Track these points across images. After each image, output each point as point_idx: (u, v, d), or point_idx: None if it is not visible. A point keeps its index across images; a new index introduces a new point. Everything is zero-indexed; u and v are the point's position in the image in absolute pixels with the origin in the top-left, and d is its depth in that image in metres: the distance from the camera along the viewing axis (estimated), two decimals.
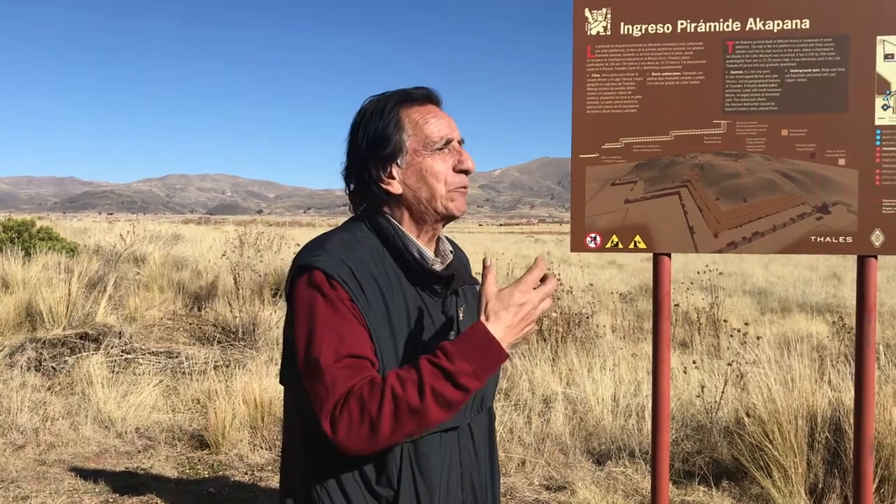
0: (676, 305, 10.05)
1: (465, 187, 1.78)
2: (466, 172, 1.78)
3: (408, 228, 1.77)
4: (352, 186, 1.82)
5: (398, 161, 1.75)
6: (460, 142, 1.80)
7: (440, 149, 1.75)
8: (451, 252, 1.87)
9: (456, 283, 1.79)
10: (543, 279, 1.63)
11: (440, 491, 1.71)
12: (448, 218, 1.78)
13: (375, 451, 1.56)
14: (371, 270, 1.68)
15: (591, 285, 12.71)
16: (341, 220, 1.90)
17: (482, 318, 1.57)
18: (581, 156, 2.77)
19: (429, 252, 1.78)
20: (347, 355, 1.57)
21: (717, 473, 4.87)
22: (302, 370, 1.61)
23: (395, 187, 1.76)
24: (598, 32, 2.75)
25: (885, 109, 2.62)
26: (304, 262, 1.67)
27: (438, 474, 1.71)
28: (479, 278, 1.93)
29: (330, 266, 1.64)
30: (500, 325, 1.55)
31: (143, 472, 5.06)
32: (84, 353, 7.26)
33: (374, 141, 1.75)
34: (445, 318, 1.78)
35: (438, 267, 1.79)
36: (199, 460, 5.29)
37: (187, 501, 4.59)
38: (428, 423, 1.53)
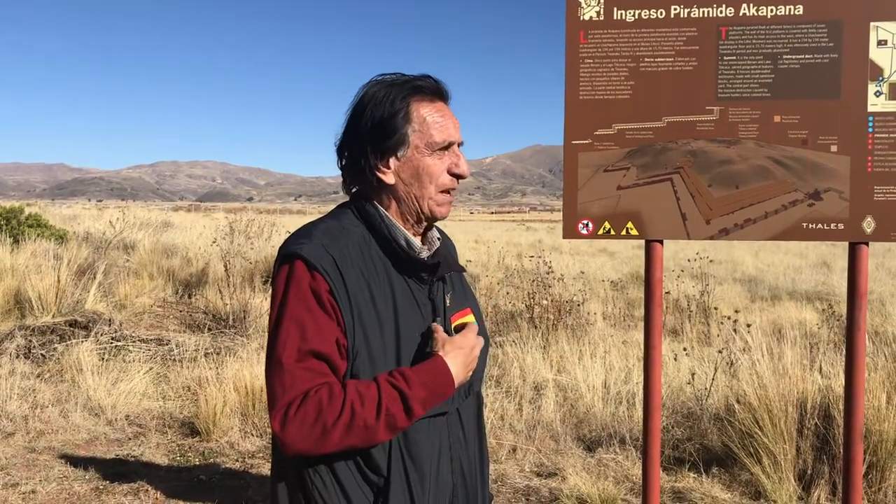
0: (667, 293, 10.07)
1: (453, 191, 1.79)
2: (460, 177, 1.79)
3: (394, 217, 1.76)
4: (344, 161, 1.80)
5: (398, 153, 1.74)
6: (460, 145, 1.80)
7: (441, 150, 1.75)
8: (439, 239, 1.86)
9: (442, 270, 1.79)
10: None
11: (430, 476, 1.71)
12: (431, 219, 1.79)
13: (313, 455, 1.60)
14: (356, 259, 1.68)
15: (583, 273, 12.74)
16: (332, 207, 1.88)
17: (441, 353, 1.66)
18: (574, 142, 2.75)
19: (415, 240, 1.78)
20: (310, 353, 1.60)
21: (708, 460, 4.90)
22: (266, 361, 1.65)
23: (389, 178, 1.75)
24: (591, 17, 2.73)
25: (877, 96, 2.62)
26: (288, 251, 1.67)
27: (428, 460, 1.71)
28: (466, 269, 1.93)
29: (312, 255, 1.64)
30: (457, 363, 1.67)
31: (133, 459, 5.05)
32: (74, 341, 7.23)
33: (378, 128, 1.72)
34: (432, 305, 1.77)
35: (425, 254, 1.78)
36: (190, 447, 5.28)
37: (178, 489, 4.58)
38: (374, 441, 1.60)
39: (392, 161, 1.74)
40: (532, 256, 11.18)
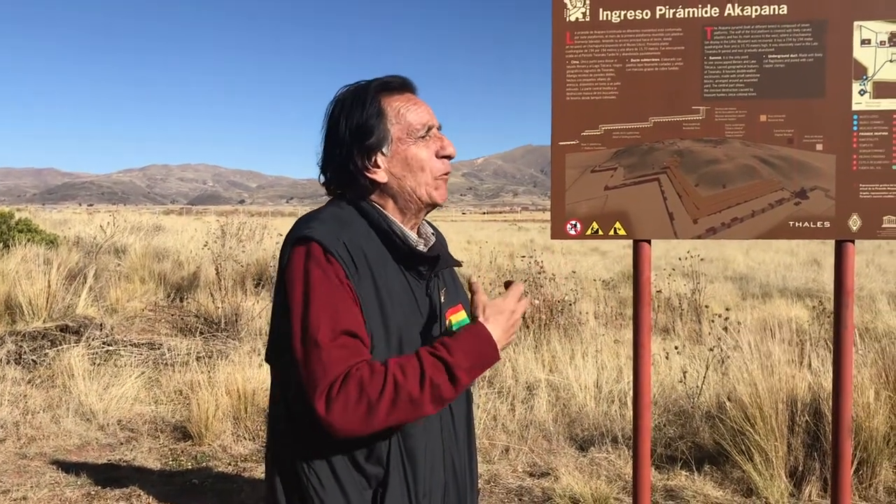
0: (659, 292, 10.10)
1: (447, 174, 1.80)
2: (449, 157, 1.80)
3: (391, 213, 1.78)
4: (328, 176, 1.81)
5: (383, 150, 1.75)
6: (439, 128, 1.81)
7: (423, 136, 1.76)
8: (433, 234, 1.88)
9: (441, 264, 1.80)
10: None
11: (424, 469, 1.72)
12: (431, 206, 1.80)
13: (363, 435, 1.56)
14: (363, 249, 1.69)
15: (574, 272, 12.76)
16: None
17: (482, 319, 1.65)
18: (561, 143, 2.76)
19: (412, 234, 1.80)
20: (344, 332, 1.57)
21: (700, 458, 4.91)
22: (296, 345, 1.59)
23: (381, 176, 1.76)
24: (577, 18, 2.74)
25: (861, 94, 2.63)
26: (302, 234, 1.66)
27: (423, 453, 1.72)
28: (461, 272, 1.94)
29: (327, 239, 1.64)
30: (498, 328, 1.66)
31: (125, 464, 5.04)
32: (65, 346, 7.21)
33: (357, 130, 1.74)
34: (429, 301, 1.78)
35: (422, 248, 1.79)
36: (183, 452, 5.27)
37: (170, 493, 4.57)
38: (420, 414, 1.56)
39: (380, 159, 1.75)
40: (524, 256, 11.20)
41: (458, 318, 1.85)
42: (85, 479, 4.72)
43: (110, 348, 7.56)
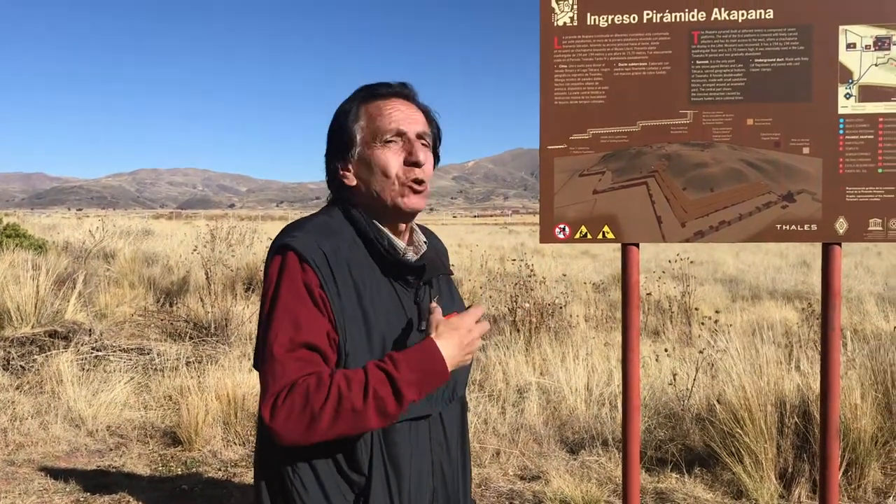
0: (648, 294, 10.13)
1: (419, 183, 1.76)
2: (416, 165, 1.75)
3: (378, 219, 1.78)
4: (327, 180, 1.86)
5: (352, 153, 1.77)
6: (419, 135, 1.78)
7: (390, 140, 1.74)
8: (425, 243, 1.87)
9: (428, 273, 1.79)
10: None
11: (410, 479, 1.72)
12: (400, 212, 1.76)
13: (305, 444, 1.58)
14: (346, 258, 1.69)
15: (565, 275, 12.78)
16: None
17: (433, 335, 1.63)
18: (549, 147, 2.77)
19: (400, 242, 1.78)
20: (302, 345, 1.59)
21: (690, 460, 4.92)
22: (259, 353, 1.64)
23: (350, 179, 1.79)
24: (565, 23, 2.75)
25: (847, 98, 2.65)
26: (282, 243, 1.69)
27: (408, 462, 1.71)
28: (454, 272, 1.94)
29: (305, 248, 1.65)
30: (451, 346, 1.63)
31: (114, 470, 5.02)
32: (53, 352, 7.17)
33: (332, 134, 1.80)
34: (418, 310, 1.78)
35: (411, 256, 1.78)
36: (172, 457, 5.25)
37: (160, 499, 4.55)
38: (365, 427, 1.56)
39: (350, 162, 1.78)
40: (514, 259, 11.22)
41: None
42: (74, 485, 4.70)
43: (99, 354, 7.52)
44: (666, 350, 7.26)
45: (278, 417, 1.54)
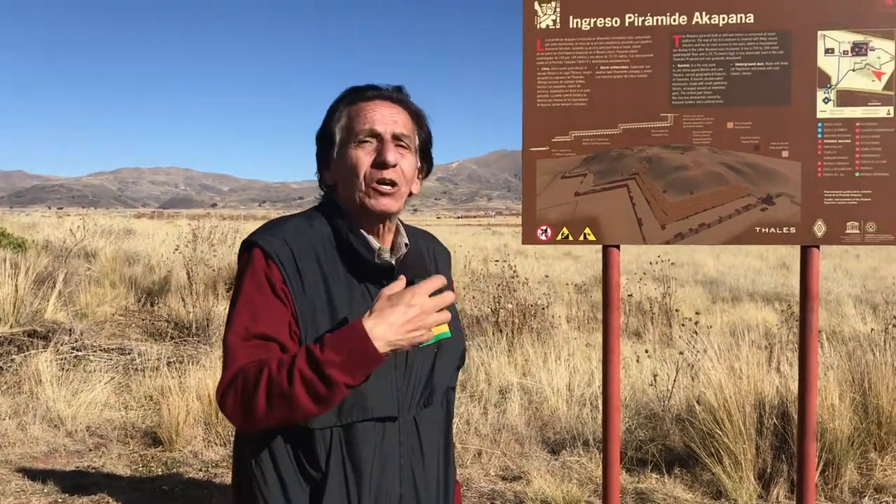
0: (630, 296, 10.18)
1: (388, 184, 1.74)
2: (383, 166, 1.73)
3: (353, 220, 1.77)
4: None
5: (332, 153, 1.79)
6: (396, 137, 1.76)
7: (363, 141, 1.75)
8: (406, 245, 1.84)
9: (400, 274, 1.78)
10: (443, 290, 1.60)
11: (370, 480, 1.70)
12: (369, 214, 1.76)
13: (254, 429, 1.62)
14: (318, 257, 1.71)
15: (547, 277, 12.82)
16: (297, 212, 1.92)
17: (367, 314, 1.55)
18: (532, 149, 2.79)
19: (375, 243, 1.78)
20: (256, 335, 1.62)
21: (670, 461, 4.96)
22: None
23: (329, 178, 1.82)
24: (548, 26, 2.77)
25: (825, 103, 2.68)
26: (250, 240, 1.72)
27: (370, 463, 1.70)
28: (439, 271, 1.92)
29: (270, 245, 1.68)
30: (382, 323, 1.51)
31: (94, 470, 4.98)
32: (32, 351, 7.11)
33: (318, 134, 1.83)
34: None
35: (386, 256, 1.78)
36: (153, 458, 5.22)
37: (140, 500, 4.53)
38: (298, 410, 1.53)
39: (331, 163, 1.80)
40: (497, 261, 11.24)
41: (433, 333, 1.83)
42: (52, 486, 4.66)
43: (79, 354, 7.47)
44: (647, 351, 7.31)
45: (227, 402, 1.57)
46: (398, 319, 1.51)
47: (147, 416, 5.93)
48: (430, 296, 1.56)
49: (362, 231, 1.77)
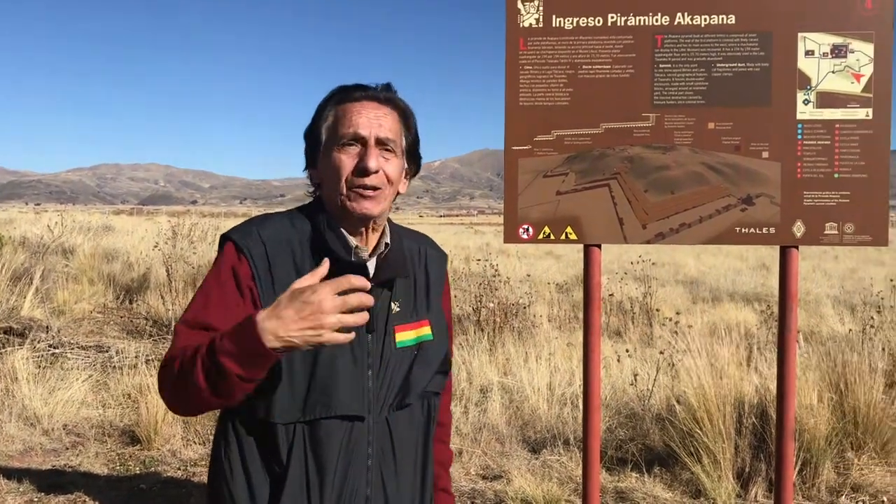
0: (611, 295, 10.21)
1: (371, 189, 1.72)
2: (363, 173, 1.71)
3: (336, 220, 1.76)
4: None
5: (318, 152, 1.79)
6: (381, 141, 1.74)
7: (347, 143, 1.73)
8: (387, 244, 1.81)
9: (381, 274, 1.76)
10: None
11: (333, 479, 1.69)
12: (350, 217, 1.74)
13: (188, 414, 1.67)
14: (293, 255, 1.72)
15: (529, 276, 12.85)
16: (277, 210, 1.91)
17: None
18: (514, 147, 2.78)
19: (352, 242, 1.76)
20: (202, 324, 1.63)
21: (650, 460, 4.98)
22: None
23: (315, 176, 1.82)
24: (531, 25, 2.77)
25: (805, 104, 2.70)
26: (226, 234, 1.75)
27: (333, 462, 1.69)
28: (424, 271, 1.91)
29: (244, 241, 1.70)
30: (274, 317, 1.45)
31: (70, 469, 4.93)
32: (8, 349, 7.02)
33: (306, 132, 1.82)
34: (367, 310, 1.74)
35: (365, 255, 1.76)
36: (131, 456, 5.18)
37: (117, 498, 4.49)
38: (201, 398, 1.53)
39: (317, 162, 1.80)
40: (479, 259, 11.25)
41: (412, 335, 1.81)
42: (28, 485, 4.61)
43: (56, 351, 7.39)
44: (627, 351, 7.33)
45: (160, 386, 1.63)
46: (290, 315, 1.44)
47: (125, 415, 5.88)
48: (347, 295, 1.47)
49: (342, 230, 1.75)
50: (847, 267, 20.15)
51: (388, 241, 1.82)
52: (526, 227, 2.79)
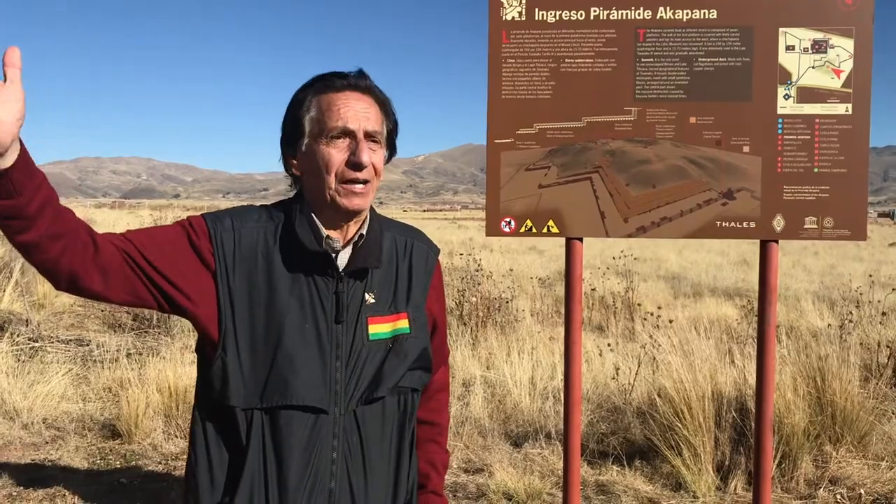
0: (593, 290, 10.25)
1: (361, 183, 1.73)
2: (357, 167, 1.71)
3: (316, 212, 1.75)
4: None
5: (300, 144, 1.76)
6: (368, 134, 1.74)
7: (336, 137, 1.72)
8: (362, 236, 1.81)
9: (352, 264, 1.76)
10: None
11: (292, 468, 1.68)
12: (338, 211, 1.74)
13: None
14: (265, 248, 1.72)
15: (512, 270, 12.86)
16: (260, 204, 1.91)
17: None
18: (496, 141, 2.78)
19: (323, 232, 1.75)
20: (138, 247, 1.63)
21: (631, 453, 5.00)
22: None
23: (296, 169, 1.79)
24: (514, 18, 2.76)
25: (786, 99, 2.72)
26: (202, 214, 1.77)
27: (293, 453, 1.67)
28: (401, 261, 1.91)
29: (215, 222, 1.72)
30: None
31: (50, 463, 4.89)
32: None
33: (284, 122, 1.79)
34: (336, 299, 1.74)
35: (337, 245, 1.76)
36: (111, 450, 5.15)
37: (97, 493, 4.46)
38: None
39: (299, 153, 1.77)
40: (462, 254, 11.25)
41: (388, 327, 1.79)
42: (6, 479, 4.57)
43: (36, 345, 7.33)
44: (609, 345, 7.36)
45: None
46: None
47: (105, 409, 5.84)
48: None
49: (316, 220, 1.74)
50: (827, 263, 20.33)
51: (363, 232, 1.81)
52: (508, 220, 2.80)
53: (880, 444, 4.96)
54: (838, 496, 4.47)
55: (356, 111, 1.73)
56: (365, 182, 1.73)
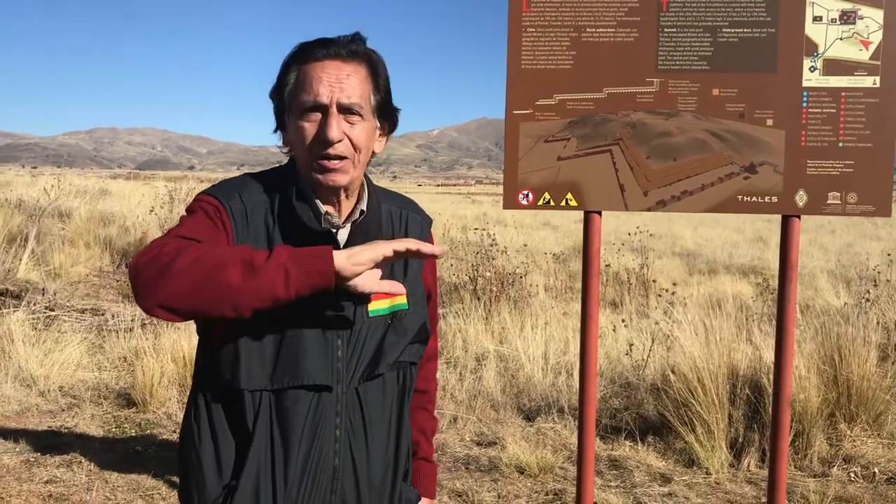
0: (608, 266, 10.22)
1: (336, 159, 1.66)
2: (325, 143, 1.64)
3: (312, 186, 1.71)
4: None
5: (286, 116, 1.72)
6: (345, 108, 1.66)
7: (308, 110, 1.65)
8: (362, 211, 1.76)
9: (351, 240, 1.71)
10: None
11: (298, 449, 1.66)
12: (319, 186, 1.70)
13: (166, 299, 1.51)
14: (272, 211, 1.70)
15: (526, 245, 12.83)
16: None
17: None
18: (515, 112, 2.74)
19: (323, 207, 1.71)
20: (185, 236, 1.60)
21: (644, 429, 5.00)
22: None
23: (286, 141, 1.76)
24: None
25: (812, 71, 2.66)
26: (207, 190, 1.72)
27: (299, 432, 1.65)
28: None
29: (223, 195, 1.68)
30: (345, 253, 1.56)
31: (66, 430, 4.95)
32: (4, 311, 7.02)
33: (270, 95, 1.75)
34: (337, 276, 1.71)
35: (337, 222, 1.72)
36: (126, 419, 5.19)
37: (112, 460, 4.50)
38: (217, 288, 1.49)
39: (286, 126, 1.74)
40: (476, 229, 11.22)
41: (386, 304, 1.75)
42: (24, 445, 4.62)
43: (52, 314, 7.39)
44: (623, 321, 7.34)
45: (146, 271, 1.52)
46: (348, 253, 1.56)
47: (121, 378, 5.89)
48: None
49: (315, 198, 1.70)
50: (844, 241, 20.16)
51: (363, 207, 1.76)
52: (526, 192, 2.76)
53: (895, 424, 4.93)
54: (852, 474, 4.45)
55: (330, 82, 1.65)
56: (341, 158, 1.66)
